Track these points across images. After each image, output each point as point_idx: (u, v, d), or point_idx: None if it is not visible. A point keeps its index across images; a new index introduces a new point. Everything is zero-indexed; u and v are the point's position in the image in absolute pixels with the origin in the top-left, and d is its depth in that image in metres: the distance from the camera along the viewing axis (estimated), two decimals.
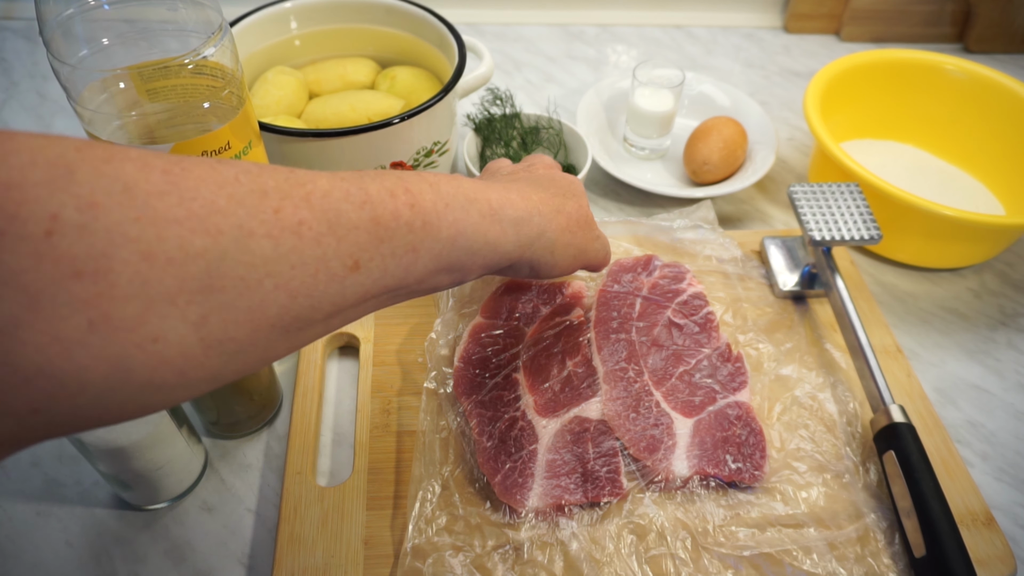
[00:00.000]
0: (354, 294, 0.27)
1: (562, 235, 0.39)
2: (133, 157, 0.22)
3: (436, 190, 0.31)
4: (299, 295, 0.25)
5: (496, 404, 0.48)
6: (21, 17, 0.91)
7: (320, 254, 0.25)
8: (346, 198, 0.27)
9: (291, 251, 0.24)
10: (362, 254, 0.27)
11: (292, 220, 0.25)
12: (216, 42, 0.39)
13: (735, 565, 0.42)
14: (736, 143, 0.68)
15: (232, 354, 0.24)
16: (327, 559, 0.42)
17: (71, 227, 0.20)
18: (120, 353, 0.21)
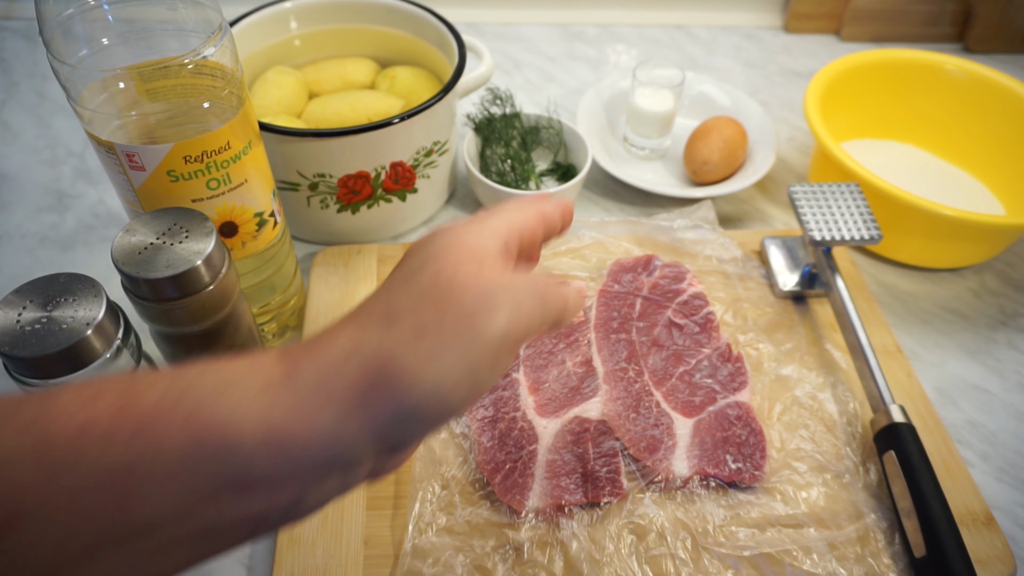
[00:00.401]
0: (36, 556, 0.19)
1: (414, 350, 0.23)
2: None
3: (173, 381, 0.21)
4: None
5: (496, 404, 0.48)
6: (21, 17, 0.91)
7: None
8: (6, 420, 0.19)
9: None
10: (24, 498, 0.19)
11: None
12: (216, 42, 0.39)
13: (735, 565, 0.42)
14: (736, 143, 0.68)
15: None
16: (327, 559, 0.42)
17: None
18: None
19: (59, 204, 0.67)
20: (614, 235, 0.61)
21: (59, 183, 0.69)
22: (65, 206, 0.67)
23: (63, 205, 0.67)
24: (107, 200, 0.68)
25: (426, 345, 0.23)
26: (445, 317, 0.24)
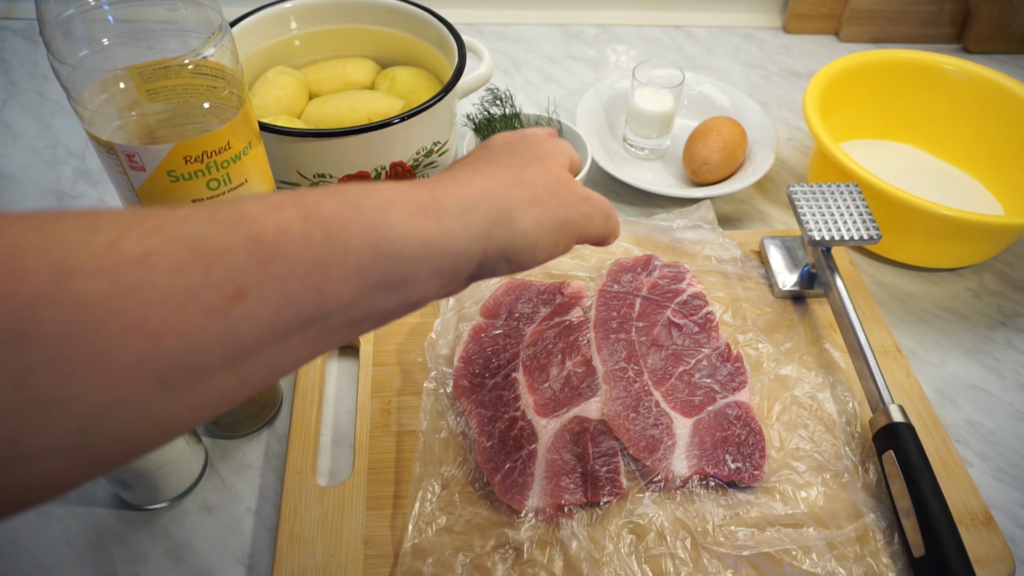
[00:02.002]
0: (252, 330, 0.23)
1: (529, 210, 0.32)
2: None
3: (340, 196, 0.26)
4: (165, 336, 0.21)
5: (496, 404, 0.48)
6: (21, 17, 0.91)
7: (182, 285, 0.21)
8: (211, 219, 0.23)
9: (136, 286, 0.20)
10: (246, 280, 0.22)
11: (134, 252, 0.21)
12: (216, 42, 0.39)
13: (735, 565, 0.43)
14: (736, 143, 0.68)
15: (90, 418, 0.20)
16: (327, 559, 0.42)
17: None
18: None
19: (59, 204, 0.67)
20: None
21: (59, 183, 0.69)
22: (65, 206, 0.67)
23: (63, 205, 0.67)
24: (107, 200, 0.68)
25: (536, 211, 0.32)
26: (552, 198, 0.33)
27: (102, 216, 0.21)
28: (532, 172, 0.33)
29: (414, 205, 0.28)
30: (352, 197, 0.26)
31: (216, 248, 0.22)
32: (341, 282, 0.25)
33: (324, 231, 0.24)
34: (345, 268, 0.25)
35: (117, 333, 0.20)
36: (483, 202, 0.30)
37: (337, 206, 0.25)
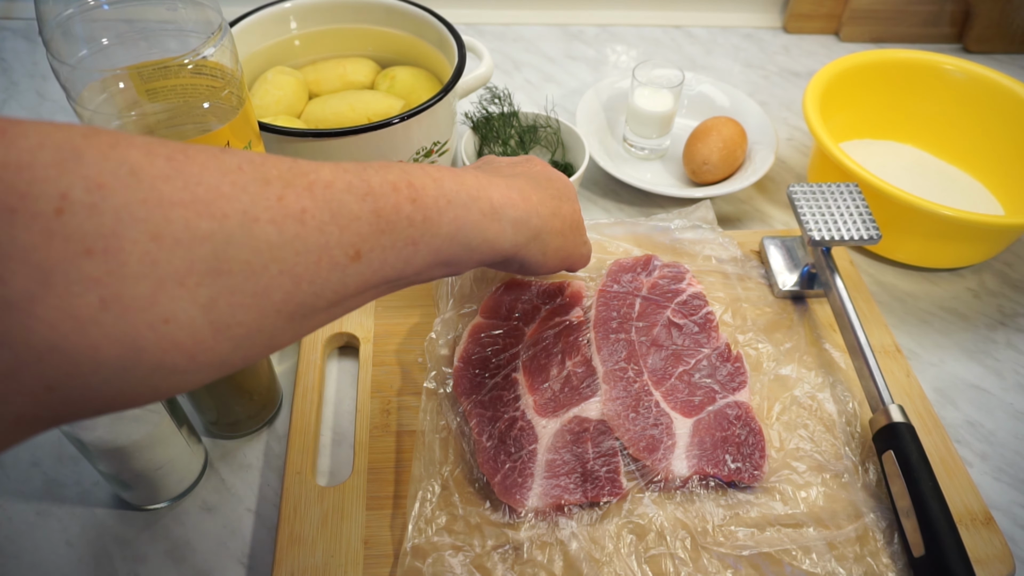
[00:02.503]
0: (355, 283, 0.28)
1: (555, 238, 0.40)
2: (138, 144, 0.22)
3: (439, 186, 0.31)
4: (303, 281, 0.25)
5: (496, 404, 0.48)
6: (21, 17, 0.91)
7: (323, 242, 0.26)
8: (348, 189, 0.27)
9: (295, 238, 0.25)
10: (363, 244, 0.27)
11: (295, 208, 0.25)
12: (216, 42, 0.39)
13: (734, 565, 0.43)
14: (736, 143, 0.68)
15: (240, 339, 0.24)
16: (327, 559, 0.42)
17: (80, 206, 0.20)
18: (132, 333, 0.21)
19: None
20: (613, 235, 0.61)
21: None
22: None
23: None
24: None
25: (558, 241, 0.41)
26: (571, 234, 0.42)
27: (267, 166, 0.25)
28: (565, 209, 0.42)
29: (488, 207, 0.34)
30: (448, 189, 0.32)
31: (349, 215, 0.27)
32: (421, 258, 0.30)
33: (423, 216, 0.30)
34: (428, 248, 0.31)
35: (275, 275, 0.24)
36: (530, 220, 0.37)
37: (436, 196, 0.31)
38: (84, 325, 0.20)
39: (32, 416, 0.21)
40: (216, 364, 0.24)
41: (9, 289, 0.19)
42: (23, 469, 0.48)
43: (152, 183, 0.21)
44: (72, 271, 0.20)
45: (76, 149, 0.20)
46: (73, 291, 0.20)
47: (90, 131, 0.21)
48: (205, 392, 0.47)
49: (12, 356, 0.19)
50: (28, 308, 0.19)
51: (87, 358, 0.20)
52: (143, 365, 0.21)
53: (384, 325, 0.55)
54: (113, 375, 0.21)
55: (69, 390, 0.21)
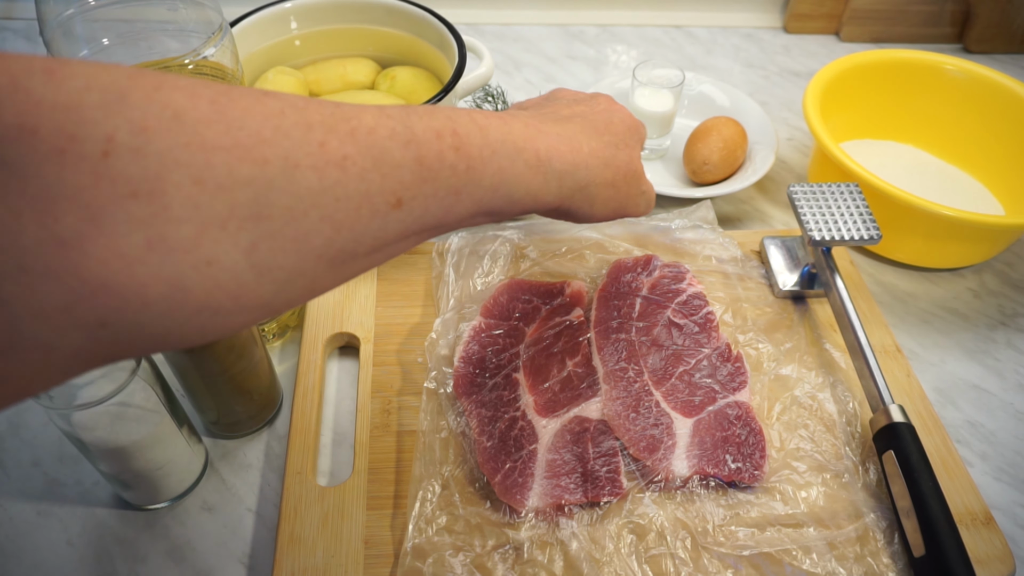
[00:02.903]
0: (395, 231, 0.28)
1: (605, 189, 0.39)
2: (182, 86, 0.22)
3: (484, 135, 0.31)
4: (343, 228, 0.25)
5: (496, 404, 0.48)
6: (21, 17, 0.91)
7: (364, 189, 0.26)
8: (391, 136, 0.27)
9: (336, 184, 0.25)
10: (405, 192, 0.27)
11: (337, 154, 0.25)
12: (216, 42, 0.39)
13: (735, 565, 0.43)
14: (736, 143, 0.68)
15: (282, 283, 0.24)
16: (327, 559, 0.42)
17: (125, 149, 0.20)
18: (177, 273, 0.21)
19: None
20: (613, 235, 0.61)
21: None
22: None
23: None
24: None
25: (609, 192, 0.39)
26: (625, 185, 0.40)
27: (310, 111, 0.25)
28: (621, 157, 0.40)
29: (534, 159, 0.33)
30: (493, 139, 0.31)
31: (392, 162, 0.27)
32: (463, 207, 0.30)
33: (467, 165, 0.30)
34: (471, 198, 0.30)
35: (316, 221, 0.24)
36: (577, 172, 0.36)
37: (481, 145, 0.30)
38: (131, 264, 0.21)
39: (88, 352, 0.22)
40: (259, 306, 0.24)
41: (61, 226, 0.20)
42: (24, 469, 0.48)
43: (195, 127, 0.22)
44: (119, 212, 0.20)
45: (121, 91, 0.21)
46: (120, 231, 0.20)
47: (135, 72, 0.22)
48: (205, 392, 0.47)
49: (67, 291, 0.20)
50: (79, 246, 0.20)
51: (136, 295, 0.21)
52: (189, 305, 0.22)
53: (384, 325, 0.55)
54: (161, 313, 0.22)
55: (121, 326, 0.21)
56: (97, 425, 0.40)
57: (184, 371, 0.45)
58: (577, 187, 0.37)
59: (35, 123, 0.19)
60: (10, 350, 0.20)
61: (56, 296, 0.20)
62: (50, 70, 0.20)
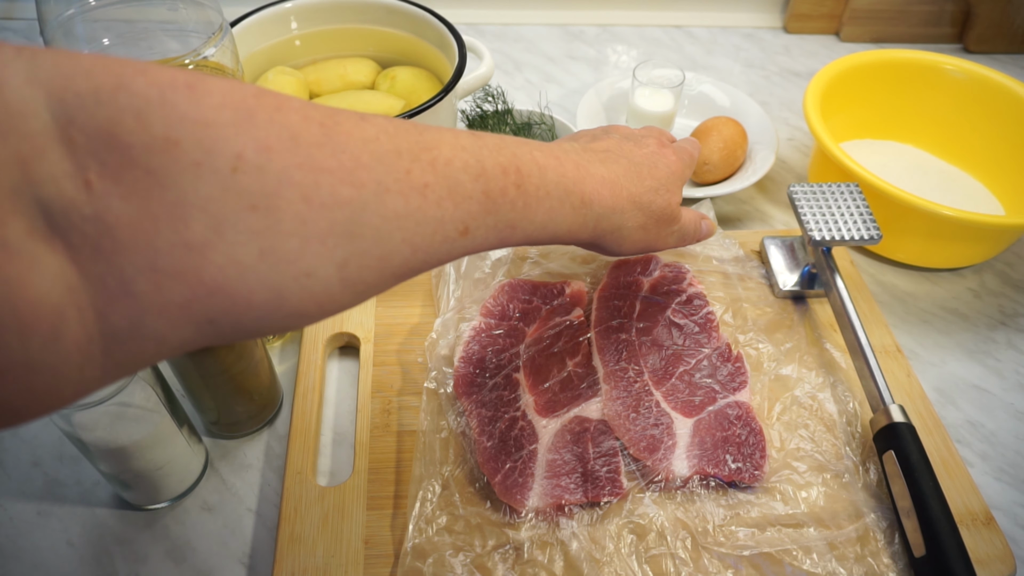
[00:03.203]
0: (457, 254, 0.30)
1: (636, 231, 0.41)
2: (296, 107, 0.25)
3: (543, 175, 0.33)
4: (419, 250, 0.28)
5: (496, 404, 0.48)
6: (21, 17, 0.91)
7: (439, 216, 0.28)
8: (464, 169, 0.29)
9: (417, 210, 0.27)
10: (472, 222, 0.30)
11: (419, 182, 0.27)
12: (216, 42, 0.39)
13: (735, 565, 0.43)
14: (736, 143, 0.68)
15: (359, 294, 0.27)
16: (327, 559, 0.42)
17: (251, 166, 0.22)
18: (280, 282, 0.24)
19: None
20: None
21: None
22: None
23: None
24: None
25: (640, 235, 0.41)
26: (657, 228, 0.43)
27: (399, 137, 0.27)
28: (659, 202, 0.42)
29: (579, 201, 0.36)
30: (549, 180, 0.34)
31: (463, 193, 0.29)
32: (515, 238, 0.33)
33: (524, 202, 0.32)
34: (523, 232, 0.33)
35: (398, 242, 0.27)
36: (614, 215, 0.39)
37: (538, 185, 0.33)
38: (245, 271, 0.23)
39: (192, 342, 0.24)
40: (335, 312, 0.26)
41: (191, 233, 0.22)
42: (24, 469, 0.48)
43: (308, 149, 0.24)
44: (240, 223, 0.22)
45: (250, 110, 0.23)
46: (239, 240, 0.22)
47: (259, 92, 0.24)
48: (206, 392, 0.47)
49: (188, 290, 0.22)
50: (203, 251, 0.22)
51: (243, 299, 0.23)
52: (283, 311, 0.24)
53: (384, 325, 0.55)
54: (260, 316, 0.24)
55: (224, 324, 0.23)
56: (97, 425, 0.40)
57: (184, 371, 0.45)
58: (612, 228, 0.39)
59: (179, 136, 0.21)
60: (132, 339, 0.22)
61: (179, 294, 0.22)
62: (191, 85, 0.22)
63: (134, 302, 0.21)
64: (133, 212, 0.21)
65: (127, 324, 0.22)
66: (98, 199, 0.21)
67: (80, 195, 0.20)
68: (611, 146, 0.43)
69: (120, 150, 0.21)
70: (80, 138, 0.20)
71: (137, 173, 0.21)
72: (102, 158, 0.20)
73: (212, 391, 0.47)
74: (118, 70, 0.21)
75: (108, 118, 0.21)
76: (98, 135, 0.20)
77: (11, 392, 0.20)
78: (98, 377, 0.22)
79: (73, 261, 0.21)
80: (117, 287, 0.21)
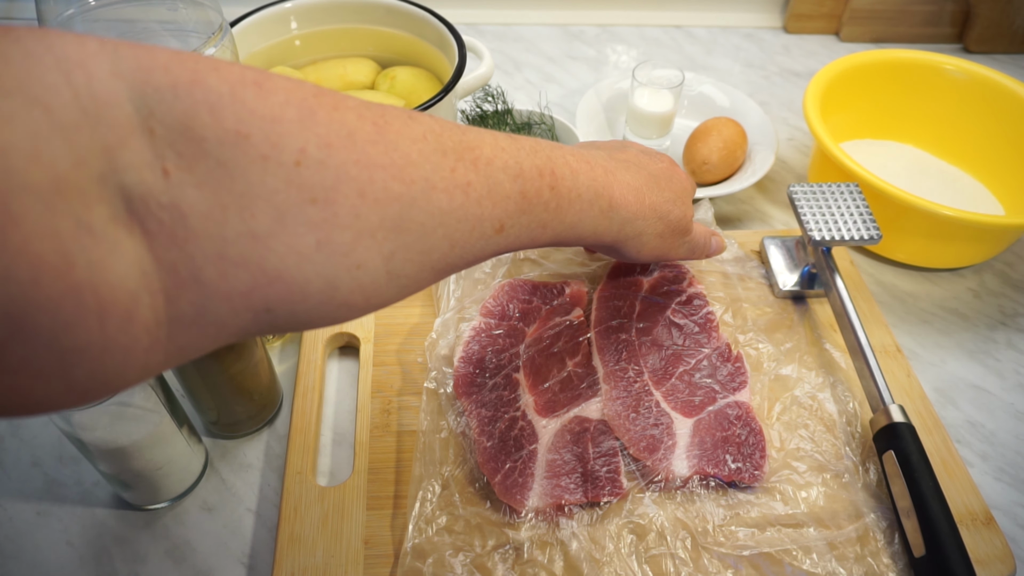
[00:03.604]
0: (491, 252, 0.31)
1: (654, 239, 0.43)
2: (352, 107, 0.25)
3: (575, 178, 0.35)
4: (457, 246, 0.29)
5: (496, 404, 0.48)
6: (21, 17, 0.91)
7: (479, 213, 0.29)
8: (504, 168, 0.30)
9: (459, 207, 0.28)
10: (507, 220, 0.31)
11: (463, 180, 0.28)
12: (216, 42, 0.39)
13: (735, 565, 0.42)
14: (735, 143, 0.68)
15: (402, 287, 0.27)
16: (327, 559, 0.42)
17: (313, 161, 0.23)
18: (334, 273, 0.24)
19: None
20: None
21: None
22: None
23: None
24: None
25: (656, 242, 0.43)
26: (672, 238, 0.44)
27: (444, 136, 0.28)
28: (676, 213, 0.43)
29: (607, 205, 0.37)
30: (581, 183, 0.35)
31: (502, 194, 0.30)
32: (544, 237, 0.34)
33: (556, 204, 0.34)
34: (552, 231, 0.34)
35: (440, 238, 0.28)
36: (636, 221, 0.40)
37: (570, 188, 0.34)
38: (303, 261, 0.24)
39: (247, 331, 0.24)
40: (379, 305, 0.27)
41: (256, 223, 0.22)
42: (23, 469, 0.48)
43: (363, 146, 0.25)
44: (300, 215, 0.23)
45: (311, 108, 0.24)
46: (299, 231, 0.23)
47: (318, 91, 0.25)
48: (206, 392, 0.47)
49: (251, 278, 0.23)
50: (266, 241, 0.23)
51: (299, 288, 0.24)
52: (335, 300, 0.25)
53: (384, 325, 0.55)
54: (313, 306, 0.25)
55: (280, 313, 0.24)
56: (97, 425, 0.40)
57: (184, 371, 0.45)
58: (634, 233, 0.41)
59: (248, 130, 0.22)
60: (196, 324, 0.23)
61: (242, 282, 0.23)
62: (259, 83, 0.23)
63: (201, 288, 0.22)
64: (205, 201, 0.22)
65: (193, 310, 0.22)
66: (175, 188, 0.21)
67: (159, 183, 0.21)
68: (631, 157, 0.44)
69: (195, 142, 0.21)
70: (159, 129, 0.21)
71: (210, 164, 0.22)
72: (179, 149, 0.21)
73: (212, 391, 0.47)
74: (193, 66, 0.22)
75: (184, 111, 0.21)
76: (175, 127, 0.21)
77: (85, 372, 0.21)
78: (160, 361, 0.23)
79: (149, 247, 0.21)
80: (187, 273, 0.22)
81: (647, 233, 0.42)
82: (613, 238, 0.40)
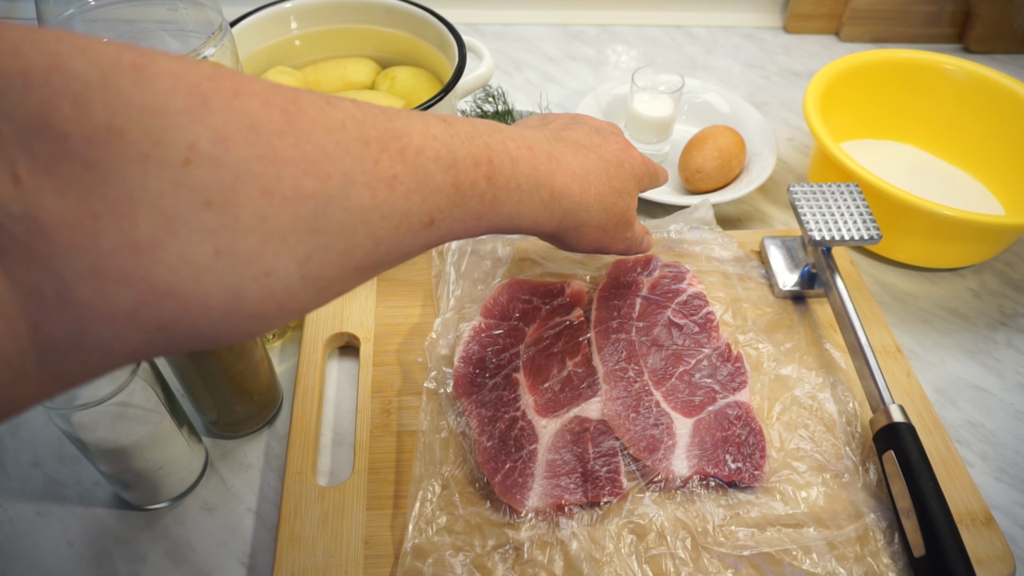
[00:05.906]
0: (420, 247, 0.29)
1: (595, 231, 0.41)
2: (257, 91, 0.23)
3: (514, 167, 0.33)
4: (382, 243, 0.26)
5: (496, 404, 0.48)
6: (21, 17, 0.91)
7: (406, 208, 0.27)
8: (436, 159, 0.28)
9: (384, 203, 0.26)
10: (438, 214, 0.29)
11: (388, 173, 0.26)
12: (216, 42, 0.39)
13: (735, 565, 0.43)
14: (732, 153, 0.68)
15: (321, 290, 0.25)
16: (327, 559, 0.42)
17: (206, 159, 0.20)
18: (238, 283, 0.22)
19: None
20: None
21: None
22: None
23: None
24: None
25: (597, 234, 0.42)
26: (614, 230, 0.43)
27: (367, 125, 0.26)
28: (620, 206, 0.42)
29: (548, 195, 0.35)
30: (520, 172, 0.33)
31: (432, 185, 0.28)
32: (479, 229, 0.32)
33: (493, 195, 0.31)
34: (488, 223, 0.32)
35: (362, 236, 0.25)
36: (578, 212, 0.38)
37: (509, 178, 0.32)
38: (199, 273, 0.21)
39: (141, 352, 0.22)
40: (297, 312, 0.25)
41: (138, 233, 0.20)
42: (23, 469, 0.48)
43: (269, 139, 0.22)
44: (193, 221, 0.20)
45: (204, 96, 0.21)
46: (193, 240, 0.20)
47: (215, 73, 0.22)
48: (206, 392, 0.47)
49: (136, 296, 0.20)
50: (152, 252, 0.20)
51: (198, 303, 0.21)
52: (242, 312, 0.23)
53: (384, 325, 0.55)
54: (217, 320, 0.22)
55: (177, 331, 0.22)
56: (97, 425, 0.40)
57: (184, 371, 0.45)
58: (575, 224, 0.39)
59: (123, 125, 0.19)
60: (73, 350, 0.20)
61: (126, 300, 0.20)
62: (138, 66, 0.20)
63: (74, 310, 0.19)
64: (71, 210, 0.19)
65: (67, 335, 0.20)
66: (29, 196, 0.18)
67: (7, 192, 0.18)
68: (581, 137, 0.42)
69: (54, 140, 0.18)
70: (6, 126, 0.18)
71: (74, 166, 0.19)
72: (33, 149, 0.18)
73: (212, 391, 0.47)
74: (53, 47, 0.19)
75: (40, 103, 0.18)
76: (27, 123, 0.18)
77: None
78: (33, 393, 0.20)
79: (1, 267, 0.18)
80: (54, 295, 0.19)
81: (588, 225, 0.40)
82: (553, 228, 0.38)
